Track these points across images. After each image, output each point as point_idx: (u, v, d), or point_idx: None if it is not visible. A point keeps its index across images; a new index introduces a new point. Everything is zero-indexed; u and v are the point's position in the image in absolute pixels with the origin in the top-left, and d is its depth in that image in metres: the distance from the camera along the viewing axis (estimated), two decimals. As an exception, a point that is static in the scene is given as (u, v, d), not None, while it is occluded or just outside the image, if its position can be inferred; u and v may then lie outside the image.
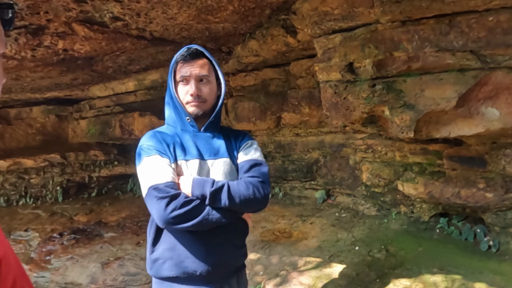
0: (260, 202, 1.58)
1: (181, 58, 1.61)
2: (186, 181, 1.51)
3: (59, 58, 3.81)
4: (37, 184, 5.65)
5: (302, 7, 2.67)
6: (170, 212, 1.41)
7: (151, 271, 1.63)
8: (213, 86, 1.65)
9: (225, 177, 1.61)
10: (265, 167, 1.66)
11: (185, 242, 1.56)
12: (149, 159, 1.52)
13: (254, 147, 1.72)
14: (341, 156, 4.11)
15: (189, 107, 1.60)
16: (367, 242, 3.20)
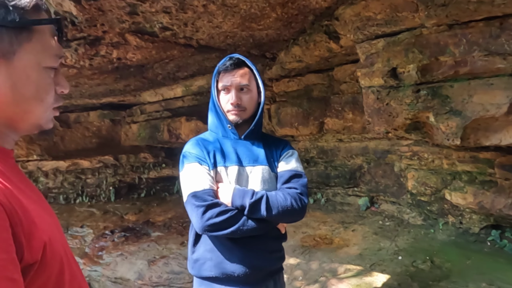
0: (297, 213, 1.60)
1: (223, 68, 1.66)
2: (226, 190, 1.56)
3: (114, 66, 4.07)
4: (92, 184, 6.04)
5: (345, 13, 2.66)
6: (206, 220, 1.48)
7: (193, 270, 1.70)
8: (254, 94, 1.69)
9: (263, 184, 1.64)
10: (305, 179, 1.68)
11: (223, 245, 1.62)
12: (190, 166, 1.59)
13: (295, 157, 1.75)
14: (386, 162, 4.01)
15: (230, 115, 1.66)
16: (411, 252, 3.10)
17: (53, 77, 0.83)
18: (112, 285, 3.68)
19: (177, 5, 2.79)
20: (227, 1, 2.84)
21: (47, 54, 0.80)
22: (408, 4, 2.28)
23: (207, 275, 1.64)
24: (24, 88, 0.77)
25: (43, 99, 0.81)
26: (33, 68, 0.78)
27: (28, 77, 0.77)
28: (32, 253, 0.70)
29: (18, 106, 0.78)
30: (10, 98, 0.76)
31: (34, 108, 0.80)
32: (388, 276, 2.82)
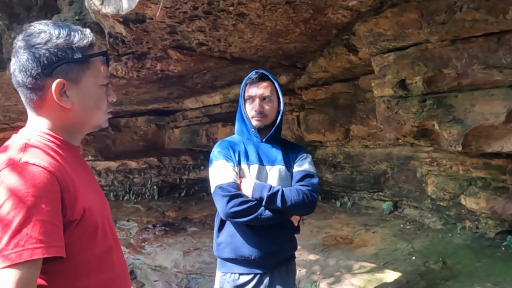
0: (308, 207, 1.90)
1: (249, 80, 2.01)
2: (248, 184, 1.87)
3: (158, 77, 4.56)
4: (139, 183, 6.63)
5: (359, 29, 2.92)
6: (230, 208, 1.79)
7: (216, 252, 2.04)
8: (275, 104, 2.01)
9: (280, 181, 1.95)
10: (316, 179, 1.98)
11: (242, 232, 1.94)
12: (217, 162, 1.91)
13: (308, 160, 2.04)
14: (409, 168, 4.15)
15: (253, 121, 1.98)
16: (425, 254, 3.25)
17: (105, 91, 1.18)
18: (152, 272, 4.13)
19: (210, 25, 3.17)
20: (254, 20, 3.18)
21: (100, 76, 1.14)
22: (413, 21, 2.50)
23: (227, 256, 1.95)
24: (88, 101, 1.11)
25: (100, 107, 1.16)
26: (93, 87, 1.11)
27: (90, 94, 1.11)
28: (73, 213, 0.99)
29: (84, 114, 1.12)
30: (79, 109, 1.09)
31: (95, 114, 1.14)
32: (398, 273, 3.00)
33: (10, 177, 0.90)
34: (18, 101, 5.10)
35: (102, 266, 1.10)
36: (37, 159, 0.96)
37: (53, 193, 0.94)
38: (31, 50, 1.02)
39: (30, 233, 0.86)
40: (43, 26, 1.06)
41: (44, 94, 1.06)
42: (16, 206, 0.86)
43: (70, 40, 1.06)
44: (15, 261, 0.84)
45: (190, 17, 3.01)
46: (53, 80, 1.04)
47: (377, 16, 2.71)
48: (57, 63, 1.04)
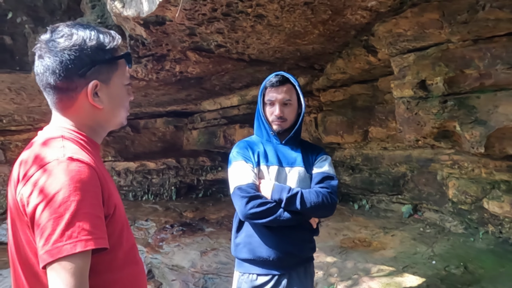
0: (327, 209, 1.88)
1: (269, 84, 1.96)
2: (267, 185, 1.86)
3: (176, 79, 4.62)
4: (157, 184, 6.71)
5: (378, 30, 2.89)
6: (248, 209, 1.78)
7: (234, 252, 2.02)
8: (294, 107, 1.98)
9: (299, 183, 1.92)
10: (335, 181, 1.95)
11: (260, 233, 1.93)
12: (237, 163, 1.90)
13: (327, 162, 2.01)
14: (429, 171, 4.08)
15: (273, 125, 1.96)
16: (446, 258, 3.18)
17: (127, 90, 1.22)
18: (170, 271, 4.17)
19: (228, 26, 3.20)
20: (272, 21, 3.19)
21: (125, 76, 1.18)
22: (434, 22, 2.47)
23: (245, 257, 1.93)
24: (115, 100, 1.15)
25: (125, 105, 1.20)
26: (119, 87, 1.16)
27: (117, 93, 1.15)
28: (108, 208, 1.03)
29: (111, 112, 1.16)
30: (108, 108, 1.13)
31: (120, 112, 1.19)
32: (418, 277, 2.95)
33: (57, 172, 0.93)
34: (42, 102, 5.25)
35: (129, 261, 1.13)
36: (79, 155, 1.00)
37: (96, 187, 0.98)
38: (64, 52, 1.04)
39: (81, 226, 0.89)
40: (72, 29, 1.08)
41: (76, 95, 1.08)
42: (66, 200, 0.90)
43: (101, 42, 1.09)
44: (69, 252, 0.87)
45: (209, 19, 3.04)
46: (86, 81, 1.07)
47: (397, 16, 2.69)
48: (91, 64, 1.07)
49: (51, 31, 1.10)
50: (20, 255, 1.03)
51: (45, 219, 0.89)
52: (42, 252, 0.89)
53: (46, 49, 1.07)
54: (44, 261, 0.88)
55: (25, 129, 7.07)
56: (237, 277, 2.02)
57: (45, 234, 0.88)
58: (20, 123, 6.69)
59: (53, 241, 0.87)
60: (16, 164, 1.08)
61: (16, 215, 1.02)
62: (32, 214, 0.92)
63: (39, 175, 0.94)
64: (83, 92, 1.08)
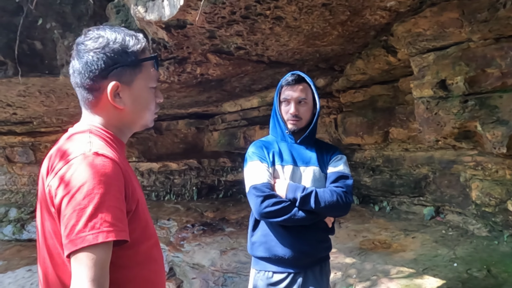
0: (341, 208, 1.88)
1: (285, 82, 1.99)
2: (282, 184, 1.88)
3: (197, 81, 4.71)
4: (179, 184, 6.84)
5: (398, 30, 2.88)
6: (264, 208, 1.80)
7: (250, 250, 2.05)
8: (310, 106, 1.99)
9: (314, 182, 1.93)
10: (350, 180, 1.95)
11: (276, 232, 1.95)
12: (252, 163, 1.93)
13: (343, 161, 2.01)
14: (451, 173, 4.01)
15: (288, 123, 1.95)
16: (468, 261, 3.12)
17: (154, 93, 1.25)
18: (190, 269, 4.25)
19: (247, 29, 3.25)
20: (291, 23, 3.23)
21: (150, 79, 1.20)
22: (454, 21, 2.44)
23: (261, 255, 1.96)
24: (139, 102, 1.18)
25: (150, 108, 1.22)
26: (144, 89, 1.18)
27: (141, 96, 1.18)
28: (131, 204, 1.07)
29: (135, 114, 1.19)
30: (131, 109, 1.16)
31: (144, 114, 1.21)
32: (439, 280, 2.91)
33: (83, 166, 0.98)
34: (69, 104, 5.46)
35: (150, 258, 1.17)
36: (104, 151, 1.04)
37: (120, 182, 1.02)
38: (89, 53, 1.10)
39: (104, 217, 0.93)
40: (100, 31, 1.13)
41: (100, 95, 1.13)
42: (90, 192, 0.94)
43: (125, 45, 1.13)
44: (92, 242, 0.91)
45: (228, 22, 3.10)
46: (108, 82, 1.11)
47: (416, 16, 2.67)
48: (113, 66, 1.11)
49: (84, 34, 1.16)
50: (47, 246, 1.09)
51: (70, 210, 0.94)
52: (66, 242, 0.93)
53: (76, 51, 1.14)
54: (69, 250, 0.93)
55: (54, 131, 7.35)
56: (253, 274, 2.04)
57: (69, 225, 0.93)
58: (49, 124, 6.96)
59: (76, 231, 0.92)
60: (45, 158, 1.14)
61: (44, 207, 1.08)
62: (59, 206, 0.97)
63: (66, 169, 0.99)
64: (105, 92, 1.12)
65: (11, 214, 7.65)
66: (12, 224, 7.38)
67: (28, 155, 7.81)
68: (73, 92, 4.78)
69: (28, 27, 3.87)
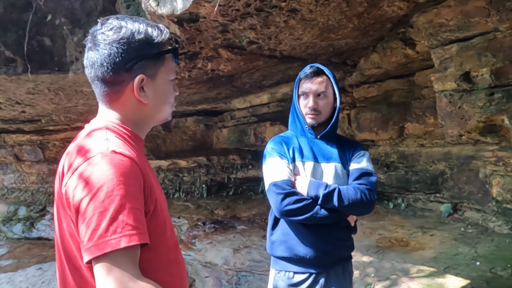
0: (365, 206, 1.80)
1: (303, 75, 1.91)
2: (303, 181, 1.80)
3: (208, 77, 4.64)
4: (188, 181, 6.79)
5: (418, 20, 2.79)
6: (284, 206, 1.74)
7: (270, 250, 1.97)
8: (330, 100, 1.90)
9: (336, 179, 1.85)
10: (374, 177, 1.87)
11: (297, 230, 1.87)
12: (272, 160, 1.85)
13: (365, 157, 1.93)
14: (470, 168, 3.90)
15: (307, 118, 1.88)
16: (491, 259, 3.03)
17: (173, 86, 1.19)
18: (203, 268, 4.19)
19: (261, 22, 3.17)
20: (306, 15, 3.14)
21: (171, 71, 1.14)
22: (480, 10, 2.34)
23: (282, 255, 1.89)
24: (161, 96, 1.12)
25: (170, 101, 1.16)
26: (165, 82, 1.12)
27: (163, 89, 1.12)
28: (149, 204, 1.00)
29: (156, 108, 1.13)
30: (153, 103, 1.11)
31: (164, 108, 1.16)
32: (462, 279, 2.82)
33: (101, 166, 0.92)
34: (78, 102, 5.41)
35: (172, 260, 1.11)
36: (122, 149, 0.99)
37: (139, 181, 0.97)
38: (112, 45, 1.03)
39: (125, 220, 0.88)
40: (121, 21, 1.06)
41: (123, 89, 1.07)
42: (110, 194, 0.89)
43: (149, 36, 1.06)
44: (114, 247, 0.86)
45: (242, 15, 3.02)
46: (132, 75, 1.05)
47: (439, 6, 2.57)
48: (138, 58, 1.05)
49: (101, 23, 1.08)
50: (64, 249, 1.03)
51: (90, 213, 0.88)
52: (87, 247, 0.87)
53: (95, 42, 1.06)
54: (89, 256, 0.87)
55: (62, 129, 7.32)
56: (273, 274, 1.97)
57: (90, 229, 0.87)
58: (57, 123, 6.93)
59: (98, 236, 0.87)
60: (63, 155, 1.08)
61: (60, 208, 1.03)
62: (77, 207, 0.91)
63: (84, 168, 0.94)
64: (129, 86, 1.06)
65: (20, 213, 7.65)
66: (22, 223, 7.39)
67: (37, 154, 7.80)
68: (81, 90, 4.73)
69: (37, 24, 3.82)
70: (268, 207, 1.94)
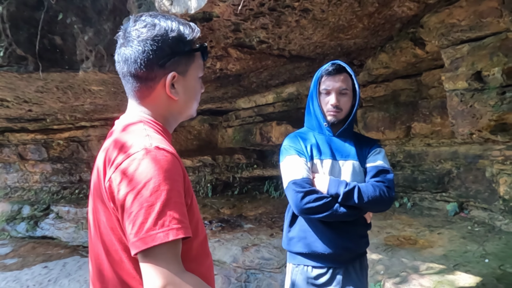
0: (384, 203, 1.83)
1: (325, 72, 1.89)
2: (323, 179, 1.81)
3: (216, 76, 4.67)
4: (193, 181, 6.81)
5: (429, 21, 2.82)
6: (304, 204, 1.75)
7: (288, 246, 1.98)
8: (350, 97, 1.92)
9: (353, 177, 1.87)
10: (391, 174, 1.88)
11: (316, 227, 1.88)
12: (290, 158, 1.86)
13: (382, 154, 1.95)
14: (477, 168, 3.94)
15: (328, 115, 1.89)
16: (500, 257, 3.07)
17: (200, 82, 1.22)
18: (211, 266, 4.22)
19: (273, 21, 3.20)
20: (317, 15, 3.17)
21: (200, 68, 1.18)
22: (492, 10, 2.38)
23: (300, 251, 1.90)
24: (190, 92, 1.15)
25: (197, 98, 1.20)
26: (195, 79, 1.16)
27: (192, 85, 1.15)
28: (187, 198, 1.03)
29: (185, 104, 1.16)
30: (182, 99, 1.14)
31: (192, 104, 1.19)
32: (472, 276, 2.85)
33: (146, 161, 0.94)
34: (85, 101, 5.44)
35: (202, 253, 1.14)
36: (164, 145, 1.01)
37: (181, 177, 0.99)
38: (147, 42, 1.05)
39: (172, 214, 0.91)
40: (154, 19, 1.08)
41: (155, 84, 1.09)
42: (157, 189, 0.91)
43: (182, 33, 1.09)
44: (163, 240, 0.88)
45: (255, 14, 3.05)
46: (165, 71, 1.08)
47: (450, 6, 2.61)
48: (171, 55, 1.07)
49: (134, 20, 1.10)
50: (103, 242, 1.05)
51: (136, 207, 0.90)
52: (135, 240, 0.90)
53: (129, 38, 1.08)
54: (138, 248, 0.89)
55: (67, 128, 7.34)
56: (290, 268, 1.99)
57: (137, 222, 0.90)
58: (62, 122, 6.95)
59: (146, 229, 0.89)
60: (100, 153, 1.09)
61: (99, 201, 1.04)
62: (122, 202, 0.93)
63: (129, 163, 0.95)
64: (161, 82, 1.09)
65: (24, 212, 7.67)
66: (26, 222, 7.40)
67: (41, 153, 7.81)
68: (90, 88, 4.75)
69: (48, 22, 3.85)
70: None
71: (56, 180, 8.02)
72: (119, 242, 1.00)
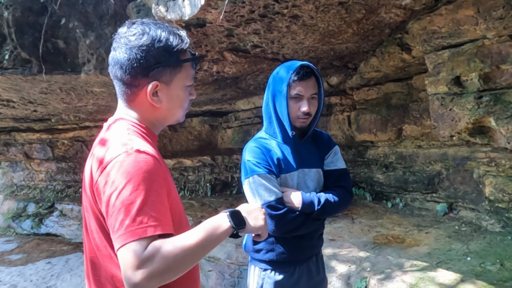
0: (347, 206, 1.92)
1: (297, 77, 1.72)
2: (295, 196, 1.76)
3: (213, 79, 4.81)
4: (193, 180, 6.97)
5: (413, 27, 2.94)
6: (282, 225, 1.73)
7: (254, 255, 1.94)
8: (317, 101, 1.81)
9: (317, 184, 1.90)
10: (349, 176, 1.93)
11: (283, 239, 1.85)
12: (259, 177, 1.72)
13: (339, 155, 1.96)
14: (465, 169, 4.04)
15: (298, 121, 1.77)
16: (482, 255, 3.17)
17: (189, 91, 1.23)
18: (206, 262, 4.36)
19: (265, 27, 3.34)
20: (307, 21, 3.30)
21: (188, 78, 1.20)
22: (469, 18, 2.49)
23: (267, 259, 1.88)
24: (174, 101, 1.19)
25: (183, 106, 1.23)
26: (180, 88, 1.19)
27: (177, 94, 1.19)
28: (169, 198, 1.09)
29: (169, 111, 1.21)
30: (166, 107, 1.18)
31: (177, 111, 1.23)
32: (452, 273, 2.96)
33: (127, 163, 1.01)
34: (88, 102, 5.61)
35: None
36: (145, 147, 1.07)
37: (161, 177, 1.06)
38: (132, 50, 1.10)
39: (150, 213, 0.97)
40: (145, 27, 1.13)
41: (138, 91, 1.15)
42: (136, 189, 0.98)
43: (169, 45, 1.12)
44: (141, 236, 0.95)
45: (246, 20, 3.19)
46: (148, 80, 1.12)
47: (431, 14, 2.73)
48: (155, 65, 1.11)
49: (127, 26, 1.15)
50: (94, 239, 1.14)
51: (118, 206, 0.97)
52: (116, 236, 0.97)
53: (119, 44, 1.13)
54: (119, 244, 0.96)
55: (71, 128, 7.53)
56: (257, 272, 1.95)
57: (118, 219, 0.97)
58: (66, 122, 7.14)
59: (125, 226, 0.95)
60: (89, 156, 1.19)
61: (89, 203, 1.14)
62: (107, 201, 1.02)
63: (111, 166, 1.02)
64: (144, 89, 1.13)
65: (29, 209, 7.85)
66: (31, 219, 7.58)
67: (46, 152, 8.00)
68: (92, 90, 4.93)
69: (52, 27, 4.02)
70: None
71: (61, 179, 8.21)
72: (106, 240, 1.09)
